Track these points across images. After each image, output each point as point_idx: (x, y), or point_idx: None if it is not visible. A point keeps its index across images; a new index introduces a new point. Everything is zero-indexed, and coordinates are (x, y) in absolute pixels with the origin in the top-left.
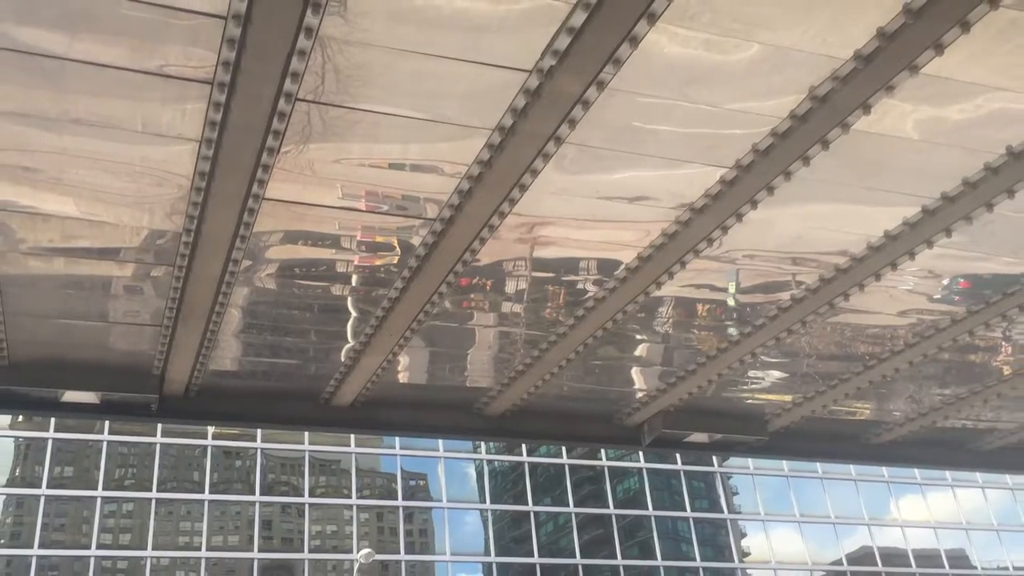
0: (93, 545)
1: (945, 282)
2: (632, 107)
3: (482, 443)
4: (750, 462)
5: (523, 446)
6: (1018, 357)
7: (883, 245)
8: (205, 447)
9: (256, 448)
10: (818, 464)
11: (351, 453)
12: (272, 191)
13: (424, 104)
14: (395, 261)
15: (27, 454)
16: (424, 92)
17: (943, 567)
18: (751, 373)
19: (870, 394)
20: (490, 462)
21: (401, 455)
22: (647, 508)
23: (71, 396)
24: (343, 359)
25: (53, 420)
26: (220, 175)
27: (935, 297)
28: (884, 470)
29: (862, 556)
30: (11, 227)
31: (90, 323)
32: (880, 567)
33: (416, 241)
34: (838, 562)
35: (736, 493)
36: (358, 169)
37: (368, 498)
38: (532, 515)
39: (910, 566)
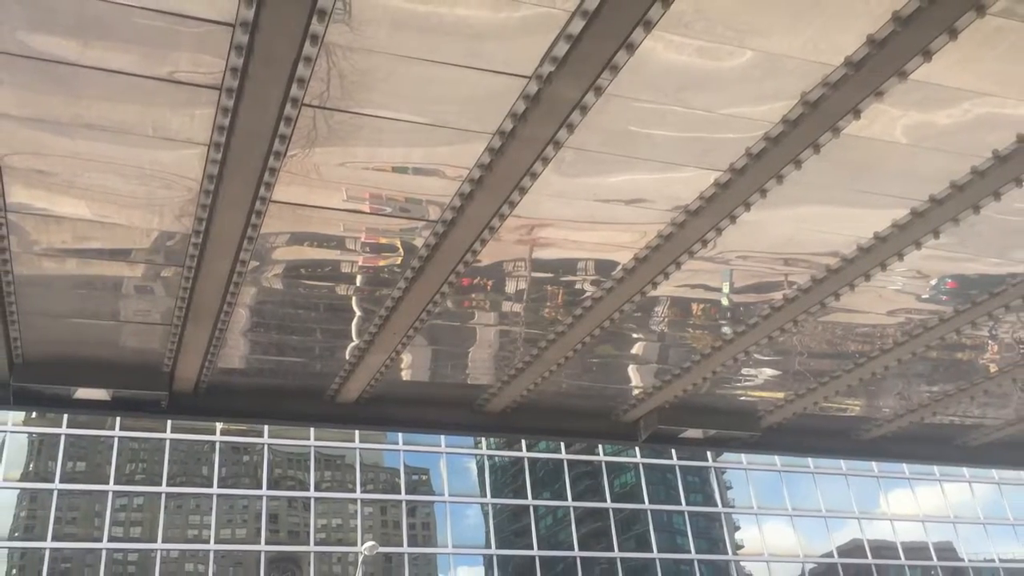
0: (104, 538)
1: (933, 282)
2: (629, 112)
3: (483, 439)
4: (743, 457)
5: (523, 442)
6: (1004, 355)
7: (873, 246)
8: (213, 443)
9: (263, 444)
10: (809, 459)
11: (355, 448)
12: (279, 194)
13: (426, 109)
14: (398, 262)
15: (40, 450)
16: (426, 97)
17: (931, 559)
18: (744, 371)
19: (860, 391)
20: (491, 457)
21: (404, 450)
22: (643, 502)
23: (83, 393)
24: (348, 357)
25: (66, 416)
26: (228, 178)
27: (923, 297)
28: (874, 465)
29: (852, 548)
30: (26, 229)
31: (102, 322)
32: (870, 559)
33: (419, 242)
34: (829, 554)
35: (730, 487)
36: (362, 172)
37: (372, 492)
38: (532, 509)
39: (899, 558)
